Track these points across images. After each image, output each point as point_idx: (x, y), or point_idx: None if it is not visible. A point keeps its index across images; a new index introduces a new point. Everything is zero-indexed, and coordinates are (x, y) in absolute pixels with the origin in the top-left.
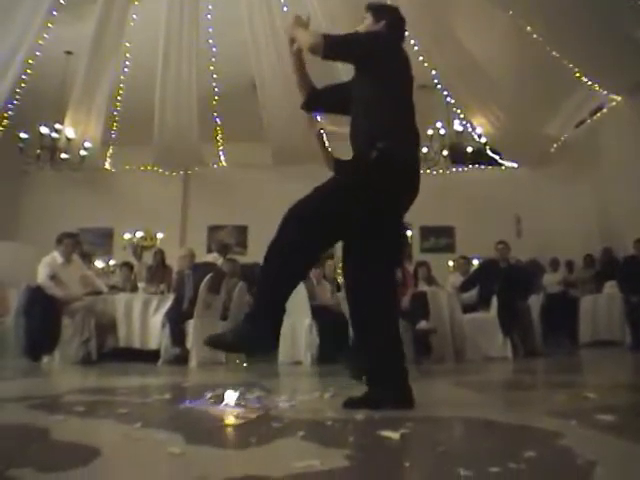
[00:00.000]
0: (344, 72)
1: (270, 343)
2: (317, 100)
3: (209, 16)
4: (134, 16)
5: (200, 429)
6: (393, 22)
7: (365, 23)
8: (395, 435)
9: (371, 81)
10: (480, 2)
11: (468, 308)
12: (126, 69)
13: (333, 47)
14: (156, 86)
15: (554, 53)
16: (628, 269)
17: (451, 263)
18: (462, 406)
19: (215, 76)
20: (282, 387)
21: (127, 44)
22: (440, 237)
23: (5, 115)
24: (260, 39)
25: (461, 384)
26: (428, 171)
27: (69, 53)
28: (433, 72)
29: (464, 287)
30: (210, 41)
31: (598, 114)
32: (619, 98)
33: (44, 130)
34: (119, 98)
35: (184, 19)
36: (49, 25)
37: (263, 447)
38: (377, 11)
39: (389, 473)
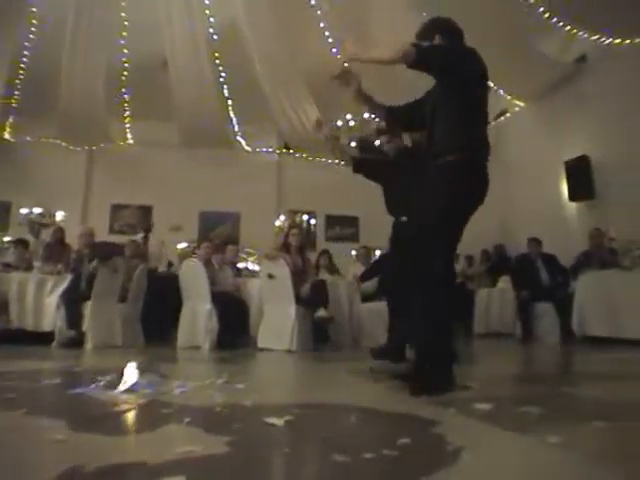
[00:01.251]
0: None
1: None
2: (393, 115)
3: None
4: None
5: (87, 415)
6: (460, 34)
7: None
8: (279, 422)
9: (456, 92)
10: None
11: (367, 297)
12: (31, 35)
13: (425, 54)
14: (63, 55)
15: None
16: (520, 266)
17: (354, 252)
18: (352, 394)
19: (126, 51)
20: (177, 372)
21: (33, 9)
22: (345, 227)
23: None
24: (174, 17)
25: (354, 372)
26: (336, 161)
27: None
28: (345, 65)
29: (364, 277)
30: (123, 14)
31: (502, 118)
32: (522, 104)
33: None
34: (22, 66)
35: None
36: None
37: (147, 433)
38: (445, 30)
39: (266, 459)
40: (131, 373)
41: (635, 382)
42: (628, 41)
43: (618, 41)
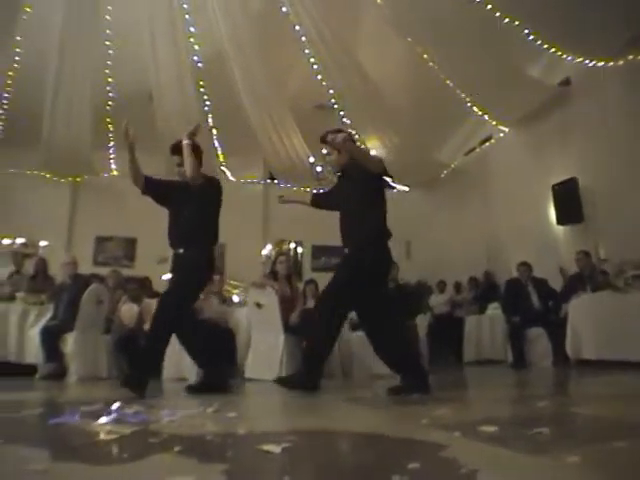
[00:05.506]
0: None
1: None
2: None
3: (108, 17)
4: (27, 9)
5: (69, 445)
6: None
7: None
8: (276, 449)
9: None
10: (381, 27)
11: (355, 326)
12: (16, 64)
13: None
14: (48, 85)
15: (448, 82)
16: (510, 291)
17: None
18: (349, 420)
19: (111, 80)
20: (164, 402)
21: (18, 38)
22: (331, 256)
23: None
24: (159, 46)
25: (349, 399)
26: (322, 191)
27: None
28: (331, 91)
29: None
30: (107, 43)
31: (487, 143)
32: (507, 129)
33: None
34: (6, 95)
35: (83, 18)
36: None
37: (135, 463)
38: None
39: None
40: (116, 403)
41: None
42: (611, 63)
43: (601, 64)
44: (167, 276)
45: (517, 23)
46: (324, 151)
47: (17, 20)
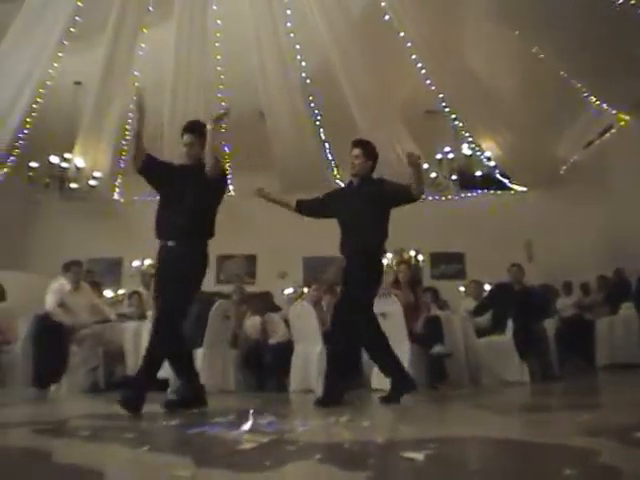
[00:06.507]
0: None
1: None
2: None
3: (217, 44)
4: (142, 45)
5: (211, 453)
6: None
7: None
8: (419, 455)
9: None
10: (486, 24)
11: (482, 332)
12: (134, 97)
13: None
14: (164, 115)
15: (561, 72)
16: None
17: (462, 289)
18: (484, 427)
19: (223, 104)
20: (295, 413)
21: (136, 73)
22: (450, 263)
23: (16, 145)
24: (268, 66)
25: (480, 406)
26: (437, 197)
27: (78, 84)
28: (440, 95)
29: (477, 311)
30: (218, 68)
31: (607, 134)
32: (627, 117)
33: (54, 159)
34: (128, 127)
35: (192, 47)
36: (59, 54)
37: (278, 470)
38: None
39: None
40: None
41: None
42: None
43: None
44: (289, 290)
45: (633, 1)
46: (354, 153)
47: (134, 49)
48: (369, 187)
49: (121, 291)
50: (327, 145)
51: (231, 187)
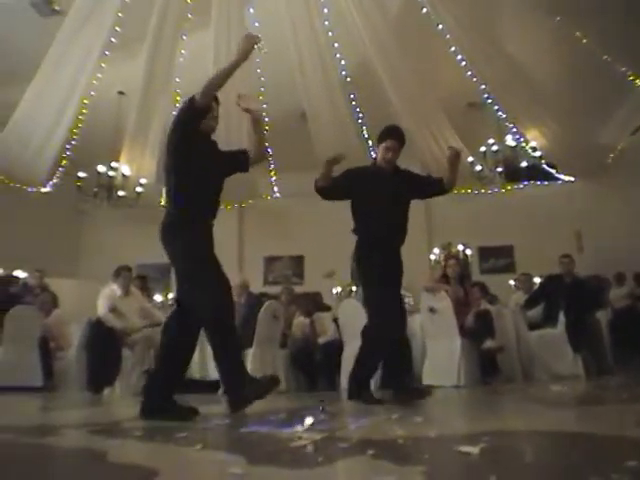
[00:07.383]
0: None
1: None
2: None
3: (256, 46)
4: (182, 51)
5: (264, 451)
6: None
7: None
8: (474, 449)
9: None
10: (526, 11)
11: (533, 325)
12: (177, 104)
13: None
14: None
15: (605, 57)
16: None
17: (512, 282)
18: (538, 420)
19: (265, 106)
20: (346, 410)
21: (177, 80)
22: (499, 257)
23: (64, 155)
24: (307, 66)
25: (533, 400)
26: (483, 190)
27: (121, 93)
28: (482, 87)
29: (529, 304)
30: (258, 70)
31: None
32: None
33: (101, 169)
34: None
35: (232, 50)
36: (102, 65)
37: (332, 466)
38: None
39: None
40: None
41: None
42: None
43: None
44: (338, 289)
45: None
46: (385, 145)
47: (175, 57)
48: (402, 175)
49: (171, 295)
50: (370, 143)
51: (276, 189)
